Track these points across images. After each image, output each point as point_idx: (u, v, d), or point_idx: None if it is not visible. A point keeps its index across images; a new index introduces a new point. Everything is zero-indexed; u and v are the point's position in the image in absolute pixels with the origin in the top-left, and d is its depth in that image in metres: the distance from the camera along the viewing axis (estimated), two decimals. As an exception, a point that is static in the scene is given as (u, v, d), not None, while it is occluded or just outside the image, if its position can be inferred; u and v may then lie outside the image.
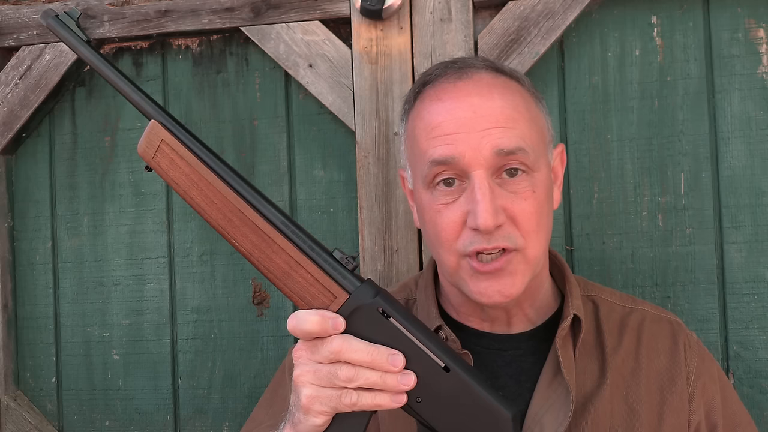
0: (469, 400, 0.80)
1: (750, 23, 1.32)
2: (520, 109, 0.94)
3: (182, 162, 0.84)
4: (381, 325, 0.80)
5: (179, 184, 0.84)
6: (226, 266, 1.49)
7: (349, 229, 1.44)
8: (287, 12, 1.41)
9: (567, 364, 0.95)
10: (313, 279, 0.81)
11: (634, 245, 1.34)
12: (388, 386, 0.77)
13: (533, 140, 0.94)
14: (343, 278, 0.81)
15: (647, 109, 1.35)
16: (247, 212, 0.82)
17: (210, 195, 0.83)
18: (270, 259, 0.82)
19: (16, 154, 1.58)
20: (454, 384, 0.80)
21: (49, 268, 1.56)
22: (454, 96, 0.94)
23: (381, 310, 0.80)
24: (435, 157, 0.92)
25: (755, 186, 1.31)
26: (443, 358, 0.80)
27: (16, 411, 1.51)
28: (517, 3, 1.33)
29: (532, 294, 1.00)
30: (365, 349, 0.77)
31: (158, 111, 0.86)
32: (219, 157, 0.85)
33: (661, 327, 1.04)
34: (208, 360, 1.49)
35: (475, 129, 0.91)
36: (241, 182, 0.84)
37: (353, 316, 0.80)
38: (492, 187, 0.90)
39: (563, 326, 0.97)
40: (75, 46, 0.88)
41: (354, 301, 0.80)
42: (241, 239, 0.83)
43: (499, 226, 0.89)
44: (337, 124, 1.45)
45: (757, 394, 1.30)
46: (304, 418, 0.79)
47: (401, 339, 0.80)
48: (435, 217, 0.94)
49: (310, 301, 0.81)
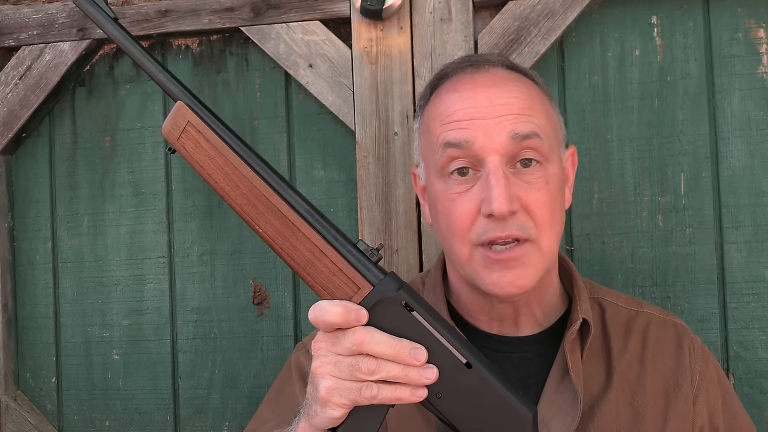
0: (490, 398, 0.80)
1: (750, 23, 1.32)
2: (535, 101, 0.95)
3: (208, 145, 0.82)
4: (403, 319, 0.79)
5: (204, 167, 0.83)
6: (226, 266, 1.49)
7: (349, 229, 1.44)
8: (287, 12, 1.41)
9: (575, 368, 0.95)
10: (337, 269, 0.80)
11: (634, 245, 1.34)
12: (410, 380, 0.76)
13: (548, 131, 0.94)
14: (367, 270, 0.80)
15: (647, 109, 1.35)
16: (272, 198, 0.81)
17: (236, 179, 0.82)
18: (294, 247, 0.81)
19: (16, 154, 1.58)
20: (476, 381, 0.79)
21: (49, 268, 1.56)
22: (471, 87, 0.95)
23: (404, 303, 0.79)
24: (449, 140, 0.92)
25: (755, 186, 1.31)
26: (465, 354, 0.79)
27: (16, 411, 1.51)
28: (517, 3, 1.33)
29: (542, 292, 1.00)
30: (388, 341, 0.76)
31: (185, 92, 0.84)
32: (245, 142, 0.84)
33: (666, 330, 1.04)
34: (208, 360, 1.49)
35: (490, 115, 0.91)
36: (267, 169, 0.82)
37: (376, 308, 0.79)
38: (507, 174, 0.90)
39: (572, 330, 0.96)
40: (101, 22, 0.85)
41: (377, 293, 0.79)
42: (265, 226, 0.81)
43: (514, 214, 0.89)
44: (337, 124, 1.45)
45: (757, 394, 1.30)
46: (321, 411, 0.77)
47: (423, 333, 0.79)
48: (449, 206, 0.93)
49: (333, 291, 0.80)
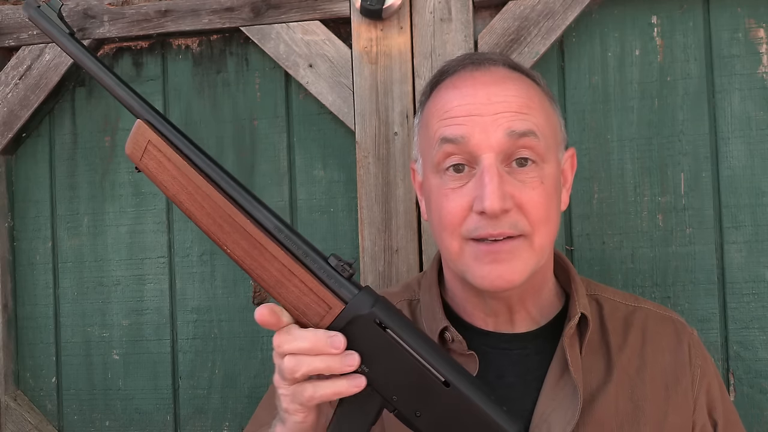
0: (471, 416, 0.78)
1: (750, 23, 1.32)
2: (534, 100, 0.95)
3: (170, 164, 0.79)
4: (378, 337, 0.78)
5: (168, 187, 0.79)
6: (226, 266, 1.49)
7: (349, 229, 1.44)
8: (287, 12, 1.41)
9: (574, 363, 0.96)
10: (307, 288, 0.78)
11: (634, 245, 1.34)
12: (333, 369, 0.76)
13: (545, 131, 0.94)
14: (339, 286, 0.78)
15: (647, 109, 1.34)
16: (237, 218, 0.78)
17: (199, 199, 0.78)
18: (262, 267, 0.78)
19: (16, 154, 1.58)
20: (455, 399, 0.78)
21: (49, 268, 1.56)
22: (470, 84, 0.95)
23: (378, 321, 0.78)
24: (445, 135, 0.93)
25: (755, 186, 1.31)
26: (444, 372, 0.78)
27: (16, 411, 1.51)
28: (517, 3, 1.33)
29: (536, 291, 1.00)
30: (304, 336, 0.76)
31: (145, 108, 0.80)
32: (211, 158, 0.80)
33: (664, 325, 1.05)
34: (208, 360, 1.49)
35: (487, 113, 0.92)
36: (233, 185, 0.79)
37: (350, 327, 0.77)
38: (501, 173, 0.90)
39: (571, 325, 0.97)
40: (56, 38, 0.81)
41: (349, 311, 0.77)
42: (232, 246, 0.78)
43: (506, 212, 0.90)
44: (337, 124, 1.44)
45: (757, 394, 1.30)
46: (286, 417, 0.81)
47: (399, 352, 0.78)
48: (442, 201, 0.94)
49: (305, 310, 0.78)
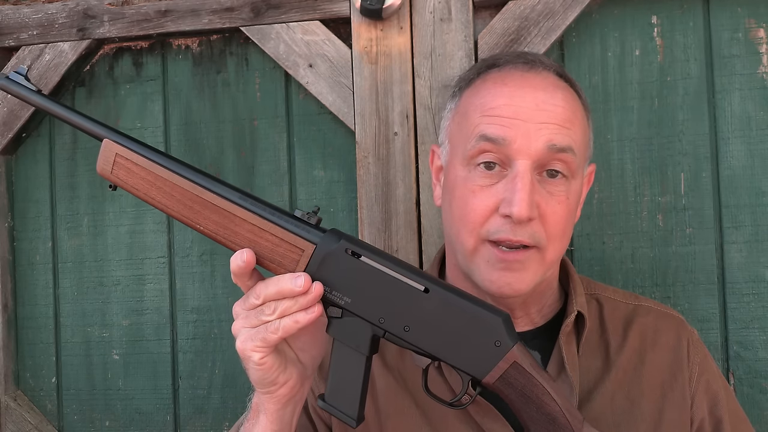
0: (457, 316, 0.82)
1: (750, 23, 1.32)
2: (577, 114, 0.96)
3: (137, 167, 0.88)
4: (353, 266, 0.83)
5: (139, 189, 0.89)
6: (226, 266, 1.49)
7: (349, 229, 1.44)
8: (287, 12, 1.41)
9: (570, 361, 0.97)
10: (278, 239, 0.84)
11: (634, 245, 1.34)
12: (304, 305, 0.80)
13: (581, 147, 0.96)
14: (307, 232, 0.84)
15: (647, 109, 1.34)
16: (205, 195, 0.86)
17: (168, 190, 0.87)
18: (235, 233, 0.85)
19: (16, 154, 1.58)
20: (438, 303, 0.82)
21: (49, 268, 1.56)
22: (520, 85, 0.95)
23: (350, 251, 0.83)
24: (486, 133, 0.93)
25: (755, 186, 1.31)
26: (419, 281, 0.82)
27: (16, 411, 1.51)
28: (517, 3, 1.33)
29: (540, 299, 1.02)
30: (275, 283, 0.81)
31: (108, 131, 0.90)
32: (169, 155, 0.89)
33: (664, 323, 1.05)
34: (208, 360, 1.49)
35: (533, 120, 0.92)
36: (194, 172, 0.87)
37: (324, 264, 0.83)
38: (533, 181, 0.91)
39: (567, 322, 0.98)
40: (28, 98, 0.92)
41: (321, 249, 0.83)
42: (205, 222, 0.86)
43: (530, 221, 0.91)
44: (337, 124, 1.44)
45: (757, 394, 1.30)
46: (247, 363, 0.83)
47: (376, 274, 0.82)
48: (467, 196, 0.94)
49: (281, 261, 0.84)
